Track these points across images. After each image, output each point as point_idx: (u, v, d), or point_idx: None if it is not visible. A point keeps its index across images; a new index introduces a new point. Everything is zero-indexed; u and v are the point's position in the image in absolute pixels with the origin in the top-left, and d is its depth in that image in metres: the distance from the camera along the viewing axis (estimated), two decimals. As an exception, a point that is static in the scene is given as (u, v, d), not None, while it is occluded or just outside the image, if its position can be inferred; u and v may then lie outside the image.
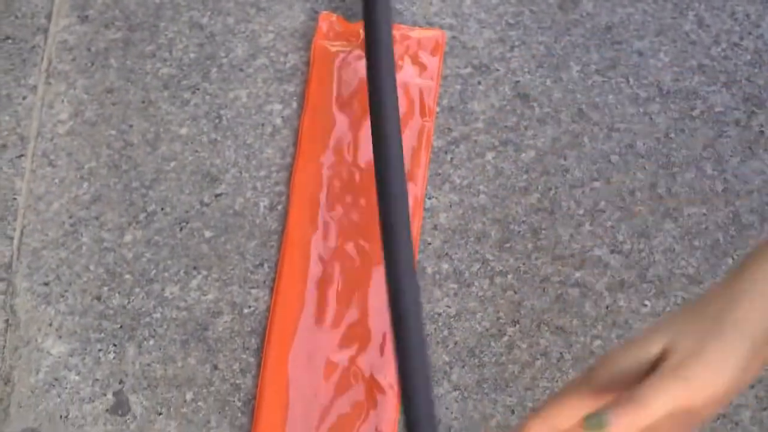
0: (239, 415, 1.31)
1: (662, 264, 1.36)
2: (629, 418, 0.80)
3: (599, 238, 1.38)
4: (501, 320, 1.35)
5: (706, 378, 0.82)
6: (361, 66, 1.47)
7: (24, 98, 1.48)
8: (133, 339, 1.35)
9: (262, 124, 1.46)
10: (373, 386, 1.31)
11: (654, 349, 0.85)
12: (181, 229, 1.41)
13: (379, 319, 1.34)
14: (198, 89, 1.48)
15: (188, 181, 1.43)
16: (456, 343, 1.33)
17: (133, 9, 1.53)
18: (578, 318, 1.34)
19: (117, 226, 1.41)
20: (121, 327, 1.36)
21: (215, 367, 1.33)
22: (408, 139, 1.42)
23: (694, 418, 0.86)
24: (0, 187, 1.43)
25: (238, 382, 1.33)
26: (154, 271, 1.39)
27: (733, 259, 1.36)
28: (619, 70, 1.47)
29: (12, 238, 1.41)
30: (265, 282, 1.37)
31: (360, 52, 1.48)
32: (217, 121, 1.46)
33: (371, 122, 1.34)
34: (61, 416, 1.32)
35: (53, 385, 1.33)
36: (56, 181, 1.44)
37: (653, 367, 0.84)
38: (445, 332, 1.33)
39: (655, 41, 1.49)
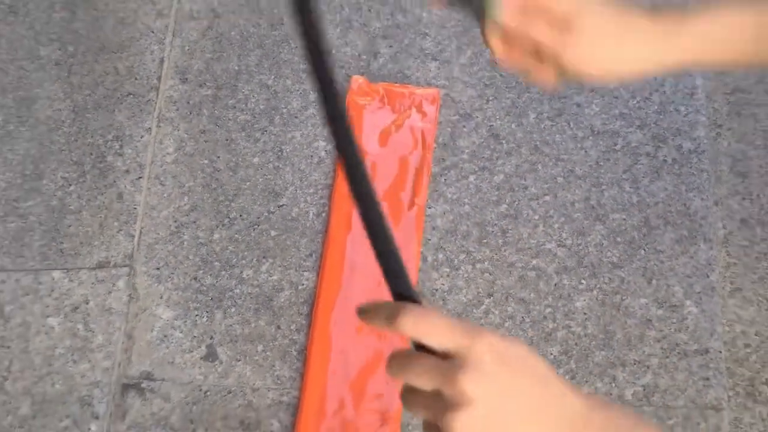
0: (295, 361, 1.38)
1: (594, 254, 1.41)
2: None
3: (549, 236, 1.43)
4: (480, 294, 1.40)
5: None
6: (380, 114, 1.52)
7: (142, 137, 1.54)
8: (220, 307, 1.42)
9: (311, 156, 1.51)
10: (389, 337, 1.37)
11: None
12: (254, 230, 1.47)
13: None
14: (266, 131, 1.53)
15: (259, 196, 1.49)
16: (449, 310, 1.38)
17: (219, 73, 1.59)
18: (535, 292, 1.39)
19: (208, 227, 1.47)
20: (211, 299, 1.43)
21: (278, 327, 1.40)
22: (412, 165, 1.48)
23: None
24: (124, 200, 1.49)
25: (294, 338, 1.39)
26: (234, 260, 1.45)
27: (644, 250, 1.40)
28: (563, 117, 1.51)
29: (133, 236, 1.47)
30: (313, 267, 1.43)
31: (379, 103, 1.52)
32: (279, 153, 1.52)
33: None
34: (168, 362, 1.39)
35: (163, 341, 1.40)
36: (165, 195, 1.50)
37: None
38: (440, 302, 1.39)
39: (589, 96, 1.53)
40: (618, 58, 0.76)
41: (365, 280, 1.43)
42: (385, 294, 0.63)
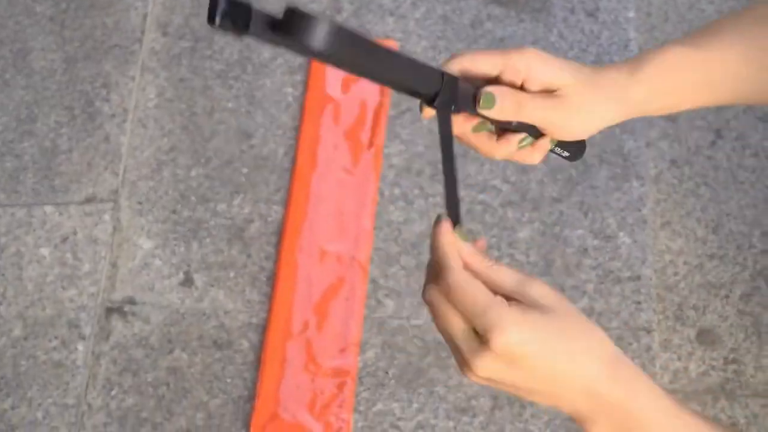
0: (264, 287, 1.27)
1: (536, 190, 1.31)
2: (510, 101, 0.64)
3: (494, 173, 1.32)
4: (431, 225, 1.33)
5: (572, 125, 0.68)
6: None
7: (127, 84, 1.42)
8: (196, 238, 1.31)
9: (280, 101, 1.40)
10: (350, 264, 1.26)
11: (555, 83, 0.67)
12: (227, 167, 1.35)
13: (354, 222, 1.28)
14: (239, 79, 1.42)
15: (232, 137, 1.37)
16: (404, 240, 1.28)
17: (198, 27, 1.46)
18: (481, 224, 1.29)
19: (186, 166, 1.36)
20: (188, 230, 1.31)
21: (249, 256, 1.29)
22: (371, 109, 1.36)
23: None
24: (110, 142, 1.37)
25: (263, 265, 1.28)
26: (209, 194, 1.33)
27: (582, 186, 1.29)
28: (509, 68, 1.43)
29: (118, 174, 1.36)
30: (281, 200, 1.32)
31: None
32: (251, 98, 1.40)
33: None
34: (148, 288, 1.28)
35: (144, 268, 1.29)
36: (147, 137, 1.38)
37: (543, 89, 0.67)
38: (396, 233, 1.28)
39: (531, 47, 1.45)
40: (593, 118, 0.69)
41: (328, 213, 1.30)
42: (346, 226, 0.56)
